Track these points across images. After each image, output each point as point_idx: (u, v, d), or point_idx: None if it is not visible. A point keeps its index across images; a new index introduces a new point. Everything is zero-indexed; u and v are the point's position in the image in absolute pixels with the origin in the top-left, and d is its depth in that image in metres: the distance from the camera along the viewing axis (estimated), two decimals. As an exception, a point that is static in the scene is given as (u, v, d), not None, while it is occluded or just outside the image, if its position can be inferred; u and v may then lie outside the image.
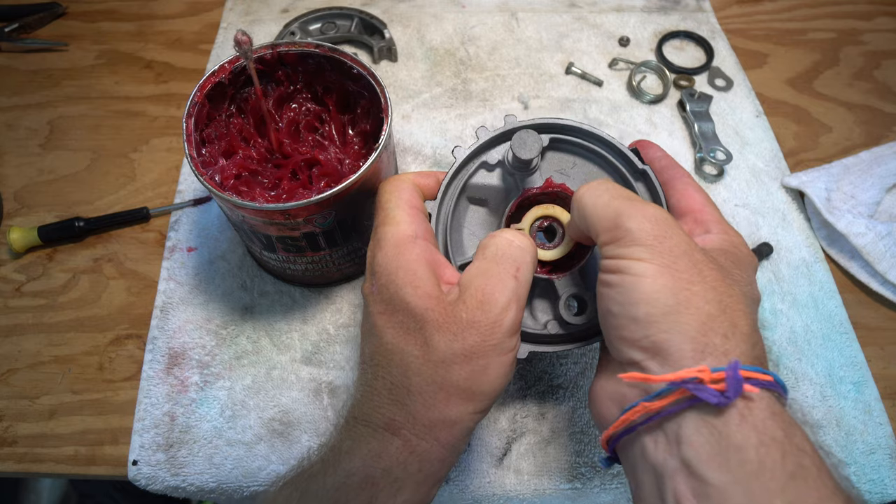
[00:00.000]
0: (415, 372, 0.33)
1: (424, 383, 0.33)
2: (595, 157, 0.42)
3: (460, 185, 0.42)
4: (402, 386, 0.34)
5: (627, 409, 0.29)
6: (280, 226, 0.43)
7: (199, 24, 0.76)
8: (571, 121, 0.42)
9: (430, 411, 0.33)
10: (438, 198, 0.41)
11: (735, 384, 0.26)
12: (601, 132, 0.41)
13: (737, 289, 0.31)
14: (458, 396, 0.33)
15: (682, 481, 0.26)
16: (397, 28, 0.74)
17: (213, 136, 0.48)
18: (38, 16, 0.75)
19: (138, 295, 0.56)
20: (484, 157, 0.42)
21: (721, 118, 0.67)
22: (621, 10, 0.77)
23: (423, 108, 0.68)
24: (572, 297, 0.39)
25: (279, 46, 0.48)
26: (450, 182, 0.42)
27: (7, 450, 0.48)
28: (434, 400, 0.33)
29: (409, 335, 0.34)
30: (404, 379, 0.34)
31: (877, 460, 0.48)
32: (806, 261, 0.58)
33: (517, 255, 0.36)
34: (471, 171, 0.42)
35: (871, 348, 0.53)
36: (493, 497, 0.47)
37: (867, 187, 0.59)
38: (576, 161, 0.43)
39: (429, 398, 0.33)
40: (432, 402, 0.33)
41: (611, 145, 0.41)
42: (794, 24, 0.78)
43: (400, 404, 0.34)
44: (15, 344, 0.53)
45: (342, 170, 0.50)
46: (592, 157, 0.42)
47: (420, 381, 0.33)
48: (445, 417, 0.33)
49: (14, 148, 0.65)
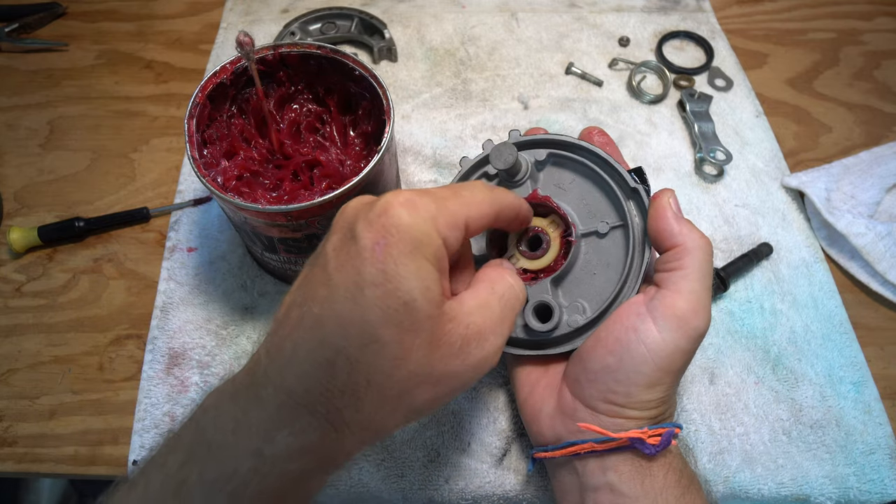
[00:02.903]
0: (385, 370, 0.28)
1: (388, 385, 0.29)
2: (591, 173, 0.43)
3: None
4: (364, 375, 0.28)
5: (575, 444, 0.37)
6: (282, 227, 0.44)
7: (199, 24, 0.76)
8: (570, 138, 0.43)
9: (376, 414, 0.30)
10: None
11: (667, 442, 0.35)
12: (597, 149, 0.42)
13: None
14: (406, 411, 0.31)
15: (603, 495, 0.36)
16: (397, 28, 0.74)
17: (215, 136, 0.48)
18: (38, 16, 0.74)
19: (138, 295, 0.56)
20: (485, 168, 0.45)
21: (721, 118, 0.67)
22: (621, 10, 0.77)
23: (423, 108, 0.68)
24: (539, 305, 0.40)
25: (281, 47, 0.48)
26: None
27: (7, 450, 0.48)
28: (386, 406, 0.30)
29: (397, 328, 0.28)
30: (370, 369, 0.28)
31: (877, 460, 0.48)
32: (806, 261, 0.58)
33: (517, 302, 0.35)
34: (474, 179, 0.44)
35: (871, 348, 0.54)
36: (493, 497, 0.47)
37: (867, 187, 0.59)
38: (574, 178, 0.44)
39: (384, 402, 0.29)
40: (383, 407, 0.30)
41: (606, 162, 0.42)
42: (794, 24, 0.78)
43: (354, 396, 0.29)
44: (15, 344, 0.53)
45: (343, 171, 0.50)
46: (588, 174, 0.43)
47: (385, 380, 0.29)
48: (383, 426, 0.31)
49: (14, 148, 0.65)
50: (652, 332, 0.35)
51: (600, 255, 0.41)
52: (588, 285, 0.41)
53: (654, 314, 0.35)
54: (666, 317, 0.35)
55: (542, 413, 0.40)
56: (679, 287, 0.36)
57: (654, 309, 0.36)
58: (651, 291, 0.37)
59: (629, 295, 0.39)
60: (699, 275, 0.36)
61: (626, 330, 0.36)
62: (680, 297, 0.35)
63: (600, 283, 0.41)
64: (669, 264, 0.37)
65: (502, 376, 0.51)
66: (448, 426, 0.49)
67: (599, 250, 0.41)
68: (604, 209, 0.42)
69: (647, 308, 0.36)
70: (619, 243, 0.41)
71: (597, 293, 0.41)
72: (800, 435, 0.49)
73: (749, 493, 0.47)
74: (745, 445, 0.49)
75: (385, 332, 0.28)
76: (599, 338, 0.38)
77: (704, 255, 0.36)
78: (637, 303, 0.37)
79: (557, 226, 0.42)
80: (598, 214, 0.42)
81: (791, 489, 0.47)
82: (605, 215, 0.42)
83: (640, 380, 0.35)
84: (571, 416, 0.38)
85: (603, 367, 0.36)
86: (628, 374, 0.35)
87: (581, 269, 0.42)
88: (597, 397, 0.36)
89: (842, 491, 0.47)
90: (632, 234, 0.40)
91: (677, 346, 0.35)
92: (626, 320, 0.36)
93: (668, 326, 0.35)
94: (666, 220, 0.37)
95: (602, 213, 0.42)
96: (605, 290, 0.40)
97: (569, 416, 0.38)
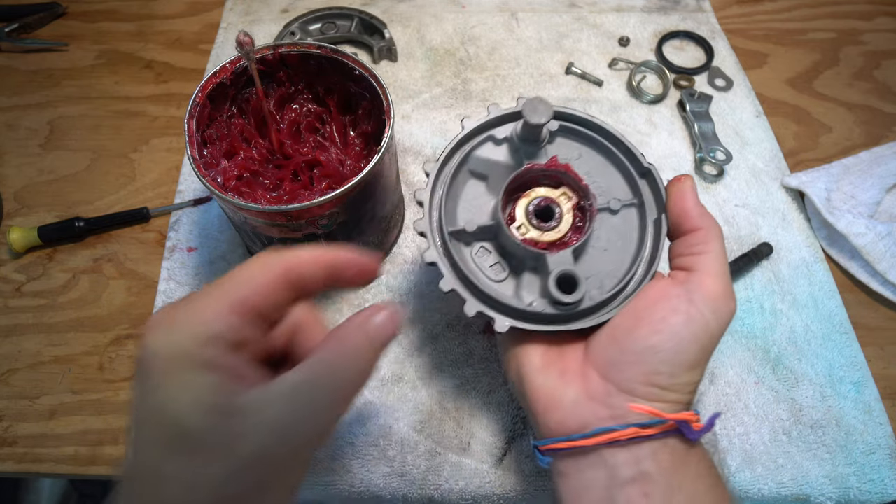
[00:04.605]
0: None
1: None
2: (602, 150, 0.42)
3: (462, 155, 0.41)
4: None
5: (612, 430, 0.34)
6: (282, 227, 0.43)
7: (199, 24, 0.76)
8: (583, 112, 0.42)
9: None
10: (439, 162, 0.41)
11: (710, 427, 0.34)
12: (610, 127, 0.42)
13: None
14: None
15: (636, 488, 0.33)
16: (397, 28, 0.74)
17: (215, 136, 0.48)
18: (38, 16, 0.74)
19: (138, 295, 0.56)
20: (492, 132, 0.42)
21: (721, 118, 0.67)
22: (621, 10, 0.77)
23: (423, 108, 0.68)
24: (563, 275, 0.37)
25: (281, 47, 0.48)
26: (454, 149, 0.41)
27: (7, 450, 0.48)
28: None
29: (179, 456, 0.26)
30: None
31: (877, 460, 0.48)
32: (806, 261, 0.58)
33: (343, 383, 0.29)
34: (476, 143, 0.42)
35: (871, 348, 0.54)
36: (493, 497, 0.47)
37: (867, 187, 0.59)
38: (582, 151, 0.43)
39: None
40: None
41: (618, 141, 0.41)
42: (794, 24, 0.78)
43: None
44: (15, 344, 0.53)
45: (343, 171, 0.50)
46: (599, 149, 0.42)
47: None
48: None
49: (14, 148, 0.65)
50: (696, 313, 0.34)
51: (611, 231, 0.40)
52: (600, 261, 0.40)
53: (692, 296, 0.35)
54: (706, 299, 0.35)
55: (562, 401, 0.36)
56: (711, 270, 0.36)
57: (692, 291, 0.35)
58: (680, 275, 0.37)
59: (644, 275, 0.39)
60: (724, 258, 0.36)
61: (671, 310, 0.35)
62: (715, 280, 0.35)
63: (613, 260, 0.40)
64: (696, 247, 0.37)
65: (502, 375, 0.51)
66: (448, 426, 0.49)
67: (610, 227, 0.41)
68: (613, 186, 0.42)
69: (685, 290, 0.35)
70: (631, 222, 0.41)
71: (611, 270, 0.40)
72: (800, 435, 0.49)
73: (749, 492, 0.47)
74: (746, 445, 0.49)
75: (168, 466, 0.26)
76: (640, 317, 0.36)
77: (722, 240, 0.37)
78: (670, 285, 0.36)
79: (569, 198, 0.40)
80: (606, 191, 0.41)
81: (791, 489, 0.47)
82: (614, 192, 0.41)
83: (686, 360, 0.34)
84: (603, 401, 0.35)
85: (647, 347, 0.35)
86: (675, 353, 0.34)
87: (592, 246, 0.40)
88: (638, 379, 0.34)
89: (842, 491, 0.47)
90: (647, 213, 0.40)
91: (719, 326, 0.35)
92: (666, 301, 0.36)
93: (708, 308, 0.35)
94: (691, 202, 0.38)
95: (611, 190, 0.41)
96: (619, 267, 0.40)
97: (599, 401, 0.35)
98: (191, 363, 0.26)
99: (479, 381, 0.51)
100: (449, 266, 0.38)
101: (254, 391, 0.27)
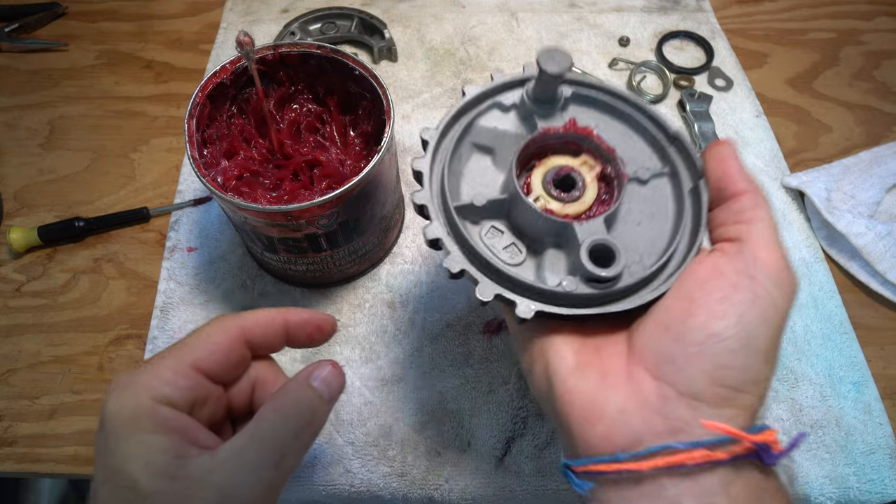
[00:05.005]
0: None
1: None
2: (622, 117, 0.37)
3: (464, 125, 0.36)
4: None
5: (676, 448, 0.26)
6: (282, 227, 0.44)
7: (199, 24, 0.76)
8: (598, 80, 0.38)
9: None
10: (439, 130, 0.35)
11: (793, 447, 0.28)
12: (629, 93, 0.37)
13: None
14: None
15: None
16: (397, 28, 0.74)
17: (215, 136, 0.48)
18: (38, 16, 0.74)
19: (138, 295, 0.56)
20: (498, 98, 0.37)
21: (721, 118, 0.67)
22: (621, 10, 0.77)
23: (423, 108, 0.68)
24: (597, 245, 0.31)
25: (281, 47, 0.48)
26: (453, 120, 0.36)
27: (7, 450, 0.48)
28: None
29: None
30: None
31: (877, 460, 0.48)
32: (806, 261, 0.58)
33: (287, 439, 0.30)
34: (481, 110, 0.37)
35: (871, 348, 0.54)
36: (493, 497, 0.47)
37: (867, 187, 0.59)
38: (600, 121, 0.37)
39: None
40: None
41: (640, 107, 0.37)
42: (794, 24, 0.78)
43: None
44: (15, 344, 0.53)
45: (343, 171, 0.50)
46: (619, 117, 0.38)
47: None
48: None
49: (14, 148, 0.65)
50: (760, 289, 0.29)
51: (642, 204, 0.35)
52: (634, 236, 0.34)
53: (751, 271, 0.29)
54: (769, 274, 0.29)
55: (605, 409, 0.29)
56: (765, 239, 0.30)
57: (750, 265, 0.29)
58: (728, 247, 0.31)
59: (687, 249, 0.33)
60: (775, 226, 0.31)
61: (732, 288, 0.29)
62: (771, 251, 0.30)
63: (648, 235, 0.34)
64: (744, 214, 0.31)
65: (502, 375, 0.51)
66: (448, 426, 0.49)
67: (641, 199, 0.36)
68: (639, 156, 0.37)
69: (742, 264, 0.29)
70: (664, 192, 0.36)
71: (647, 246, 0.34)
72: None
73: (749, 493, 0.47)
74: (745, 445, 0.49)
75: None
76: (693, 299, 0.29)
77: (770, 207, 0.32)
78: (721, 259, 0.30)
79: (591, 167, 0.35)
80: (631, 161, 0.36)
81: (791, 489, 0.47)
82: (640, 161, 0.36)
83: (759, 347, 0.28)
84: (659, 410, 0.28)
85: (710, 334, 0.28)
86: (746, 340, 0.28)
87: (622, 220, 0.35)
88: (702, 378, 0.28)
89: (842, 491, 0.47)
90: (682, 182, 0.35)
91: (786, 303, 0.30)
92: (721, 278, 0.29)
93: (773, 283, 0.29)
94: (734, 165, 0.32)
95: (637, 160, 0.37)
96: (656, 243, 0.34)
97: (654, 409, 0.28)
98: (146, 424, 0.28)
99: (479, 381, 0.51)
100: (456, 242, 0.32)
101: (203, 457, 0.28)
